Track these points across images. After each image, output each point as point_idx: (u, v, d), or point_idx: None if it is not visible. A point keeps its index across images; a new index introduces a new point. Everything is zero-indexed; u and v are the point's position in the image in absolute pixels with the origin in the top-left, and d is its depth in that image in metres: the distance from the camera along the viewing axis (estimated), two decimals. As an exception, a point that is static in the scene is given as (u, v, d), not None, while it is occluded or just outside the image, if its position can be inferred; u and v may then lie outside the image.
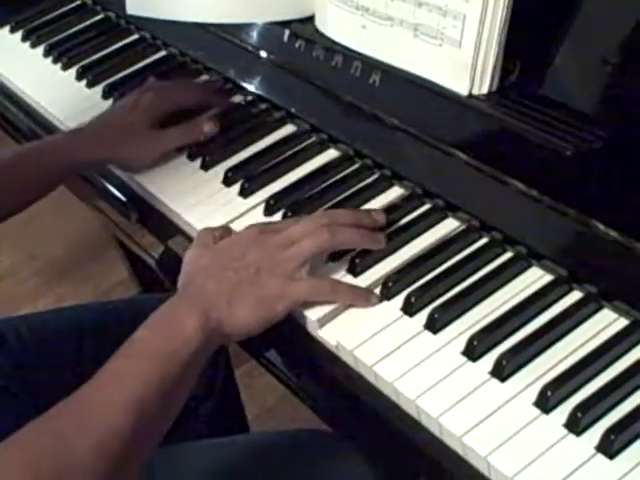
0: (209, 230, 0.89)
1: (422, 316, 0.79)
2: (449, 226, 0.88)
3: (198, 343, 0.77)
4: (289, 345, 0.86)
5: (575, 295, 0.79)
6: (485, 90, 0.86)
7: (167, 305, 0.80)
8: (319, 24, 1.00)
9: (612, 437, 0.67)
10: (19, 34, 1.36)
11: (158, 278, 1.04)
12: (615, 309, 0.76)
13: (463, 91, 0.86)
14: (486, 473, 0.69)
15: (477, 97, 0.86)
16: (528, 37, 0.85)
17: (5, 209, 1.02)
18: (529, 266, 0.82)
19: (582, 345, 0.75)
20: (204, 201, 0.98)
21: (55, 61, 1.28)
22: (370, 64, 0.94)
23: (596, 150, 0.78)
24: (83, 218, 2.21)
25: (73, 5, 1.39)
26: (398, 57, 0.90)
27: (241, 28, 1.09)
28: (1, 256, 2.27)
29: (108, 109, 1.08)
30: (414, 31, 0.88)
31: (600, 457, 0.67)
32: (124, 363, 0.76)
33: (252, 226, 0.86)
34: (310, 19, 1.03)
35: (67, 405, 0.72)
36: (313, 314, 0.82)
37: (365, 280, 0.84)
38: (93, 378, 0.74)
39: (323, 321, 0.82)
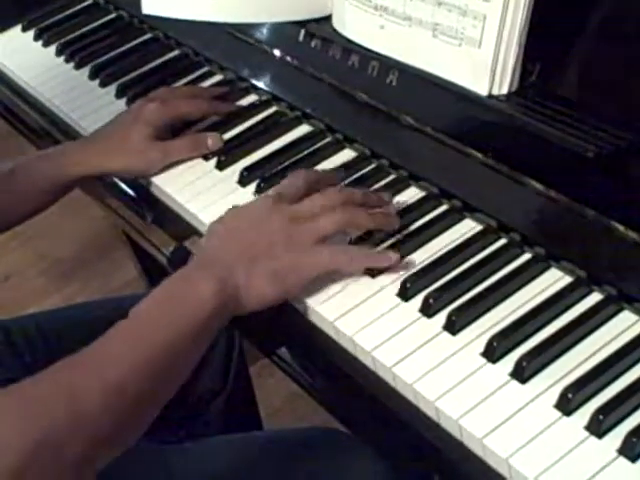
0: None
1: (441, 317, 0.79)
2: (467, 227, 0.87)
3: (212, 308, 0.77)
4: (304, 344, 0.86)
5: (595, 297, 0.78)
6: (505, 90, 0.86)
7: (182, 271, 0.81)
8: (336, 24, 0.99)
9: (634, 440, 0.66)
10: (31, 33, 1.36)
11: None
12: (636, 311, 0.76)
13: (483, 91, 0.86)
14: (507, 475, 0.68)
15: (497, 97, 0.86)
16: (549, 37, 0.84)
17: (6, 220, 1.02)
18: (548, 267, 0.81)
19: (603, 347, 0.74)
20: (219, 201, 0.97)
21: (68, 60, 1.28)
22: (387, 64, 0.94)
23: (617, 151, 0.78)
24: (91, 217, 2.22)
25: (85, 4, 1.38)
26: (416, 57, 0.90)
27: (256, 27, 1.08)
28: (8, 255, 2.27)
29: (111, 120, 1.07)
30: (433, 31, 0.87)
31: (622, 460, 0.66)
32: (136, 322, 0.77)
33: (266, 195, 0.87)
34: (325, 19, 1.02)
35: (74, 358, 0.73)
36: (330, 314, 0.82)
37: (383, 281, 0.84)
38: (103, 335, 0.75)
39: (340, 321, 0.81)
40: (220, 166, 1.02)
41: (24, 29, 1.38)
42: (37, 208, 1.04)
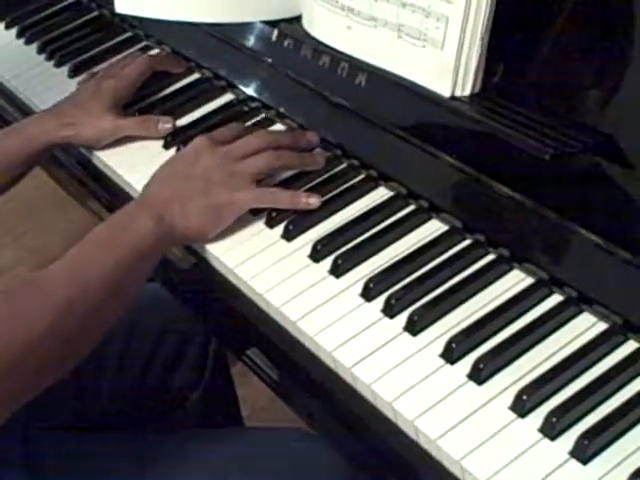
0: None
1: (402, 318, 0.79)
2: (433, 227, 0.88)
3: (151, 240, 0.85)
4: (269, 345, 0.86)
5: (555, 298, 0.78)
6: (468, 92, 0.86)
7: (125, 208, 0.88)
8: (306, 24, 0.99)
9: (586, 442, 0.67)
10: (14, 30, 1.36)
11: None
12: (595, 313, 0.76)
13: (445, 93, 0.86)
14: (460, 476, 0.69)
15: (459, 99, 0.86)
16: (511, 39, 0.85)
17: None
18: (510, 269, 0.82)
19: (561, 349, 0.74)
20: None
21: (49, 58, 1.28)
22: (356, 65, 0.94)
23: (577, 154, 0.78)
24: (84, 214, 2.22)
25: (68, 2, 1.38)
26: (383, 58, 0.90)
27: (232, 27, 1.08)
28: (3, 250, 2.27)
29: (73, 92, 1.12)
30: (398, 32, 0.87)
31: (574, 462, 0.67)
32: (83, 248, 0.84)
33: (201, 136, 0.94)
34: (298, 19, 1.03)
35: (24, 285, 0.79)
36: (293, 313, 0.82)
37: (347, 281, 0.84)
38: (53, 264, 0.81)
39: (303, 321, 0.81)
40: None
41: (7, 26, 1.38)
42: (5, 184, 1.06)
